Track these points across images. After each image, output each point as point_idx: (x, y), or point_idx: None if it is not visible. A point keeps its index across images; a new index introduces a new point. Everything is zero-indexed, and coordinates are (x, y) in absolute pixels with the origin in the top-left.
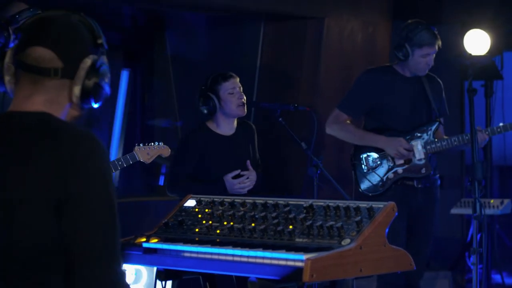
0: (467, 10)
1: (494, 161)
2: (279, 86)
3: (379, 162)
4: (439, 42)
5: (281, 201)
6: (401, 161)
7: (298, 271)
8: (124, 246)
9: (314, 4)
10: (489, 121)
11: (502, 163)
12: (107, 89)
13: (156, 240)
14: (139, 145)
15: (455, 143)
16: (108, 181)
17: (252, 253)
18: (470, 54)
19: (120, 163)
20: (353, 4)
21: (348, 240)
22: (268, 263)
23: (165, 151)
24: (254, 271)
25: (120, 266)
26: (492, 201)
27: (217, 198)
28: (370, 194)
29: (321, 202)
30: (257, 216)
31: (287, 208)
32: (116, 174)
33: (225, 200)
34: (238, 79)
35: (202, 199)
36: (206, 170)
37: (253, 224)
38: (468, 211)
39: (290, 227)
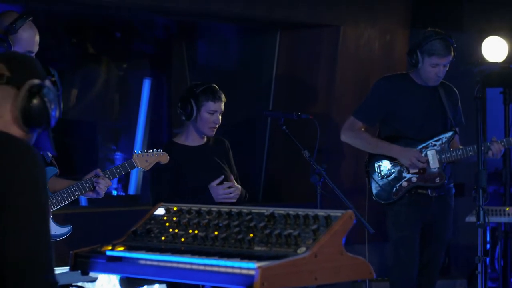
0: (486, 18)
1: None
2: (295, 94)
3: (393, 170)
4: (452, 54)
5: (245, 209)
6: (415, 170)
7: (250, 279)
8: (89, 254)
9: (329, 13)
10: (507, 129)
11: None
12: (52, 114)
13: (121, 248)
14: (137, 152)
15: (470, 153)
16: (40, 192)
17: (207, 261)
18: (478, 61)
19: (118, 170)
20: (369, 12)
21: (303, 249)
22: (224, 271)
23: (164, 157)
24: (210, 279)
25: (51, 275)
26: (507, 208)
27: (185, 207)
28: (383, 202)
29: (282, 211)
30: (220, 225)
31: (249, 217)
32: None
33: (192, 208)
34: (223, 103)
35: (170, 207)
36: (185, 184)
37: (216, 233)
38: None
39: (251, 235)
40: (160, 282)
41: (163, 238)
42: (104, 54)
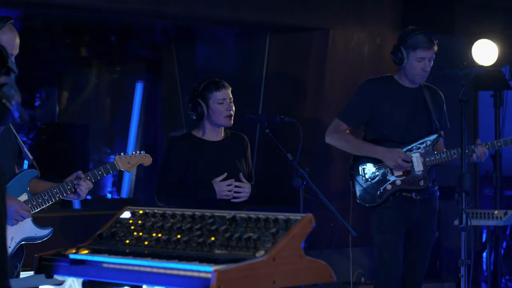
0: (476, 21)
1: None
2: (285, 98)
3: (377, 173)
4: (436, 48)
5: (207, 212)
6: (400, 173)
7: (207, 282)
8: (53, 257)
9: (319, 16)
10: (498, 132)
11: None
12: (12, 111)
13: (85, 252)
14: (119, 154)
15: (455, 156)
16: None
17: (166, 264)
18: (463, 64)
19: (100, 172)
20: (359, 16)
21: (262, 252)
22: (182, 274)
23: (147, 159)
24: (168, 282)
25: (2, 279)
26: (496, 212)
27: (149, 210)
28: (367, 205)
29: (244, 214)
30: (183, 228)
31: (211, 220)
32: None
33: (157, 211)
34: (230, 90)
35: (136, 210)
36: (193, 176)
37: (178, 236)
38: (472, 222)
39: (212, 238)
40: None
41: (127, 241)
42: (99, 58)
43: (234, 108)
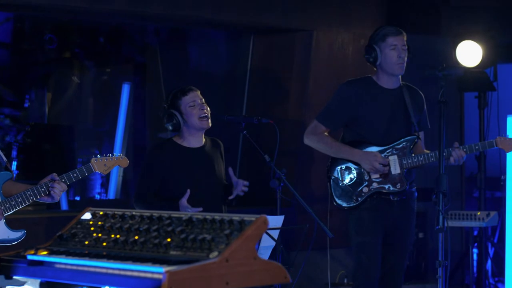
0: (461, 22)
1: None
2: (269, 98)
3: (354, 175)
4: (405, 36)
5: (165, 214)
6: (377, 175)
7: (158, 283)
8: (12, 258)
9: (302, 17)
10: (483, 133)
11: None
12: None
13: (44, 253)
14: (96, 156)
15: (432, 159)
16: None
17: (120, 265)
18: (443, 66)
19: (75, 175)
20: (343, 17)
21: (216, 253)
22: (136, 275)
23: (123, 162)
24: (122, 283)
25: None
26: (478, 213)
27: (109, 211)
28: (345, 207)
29: (200, 215)
30: (141, 229)
31: (168, 221)
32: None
33: (116, 213)
34: (198, 92)
35: (97, 212)
36: (175, 183)
37: (136, 237)
38: (455, 223)
39: (168, 240)
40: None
41: (86, 242)
42: (88, 59)
43: (208, 108)
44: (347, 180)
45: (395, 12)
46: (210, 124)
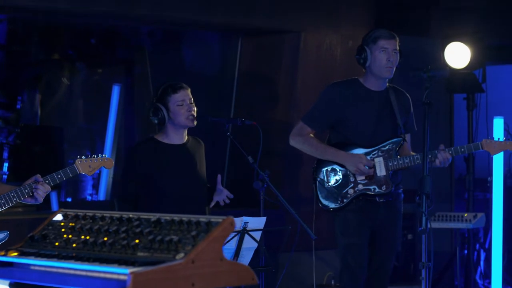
0: (450, 23)
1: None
2: (257, 100)
3: (340, 177)
4: (397, 41)
5: (134, 215)
6: (362, 177)
7: (123, 284)
8: None
9: (290, 19)
10: (471, 134)
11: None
12: None
13: (14, 254)
14: (80, 157)
15: (418, 161)
16: None
17: (88, 267)
18: (428, 67)
19: (59, 176)
20: (331, 18)
21: (182, 254)
22: (102, 276)
23: (108, 163)
24: (88, 284)
25: None
26: (466, 214)
27: (81, 212)
28: (330, 208)
29: (167, 216)
30: (110, 230)
31: (137, 222)
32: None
33: (87, 214)
34: (189, 91)
35: (68, 213)
36: (158, 179)
37: (105, 238)
38: (440, 225)
39: (137, 241)
40: None
41: (56, 243)
42: (78, 61)
43: (195, 109)
44: (332, 181)
45: (383, 14)
46: (195, 123)
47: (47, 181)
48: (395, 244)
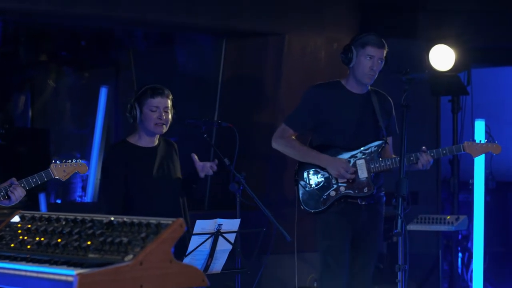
0: (437, 26)
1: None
2: (241, 103)
3: (321, 179)
4: (386, 50)
5: (87, 217)
6: (344, 179)
7: (70, 286)
8: None
9: (275, 21)
10: (456, 137)
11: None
12: None
13: None
14: (55, 162)
15: (399, 163)
16: None
17: (38, 268)
18: (407, 70)
19: (34, 180)
20: (316, 21)
21: (131, 256)
22: (52, 278)
23: (83, 168)
24: (37, 286)
25: None
26: (448, 217)
27: (37, 214)
28: (312, 211)
29: (120, 218)
30: (64, 232)
31: (90, 224)
32: None
33: (43, 215)
34: (168, 98)
35: (25, 214)
36: (131, 182)
37: (59, 240)
38: (423, 227)
39: (89, 242)
40: None
41: (12, 245)
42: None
43: (169, 117)
44: (314, 184)
45: (369, 16)
46: (164, 131)
47: (22, 185)
48: (377, 247)
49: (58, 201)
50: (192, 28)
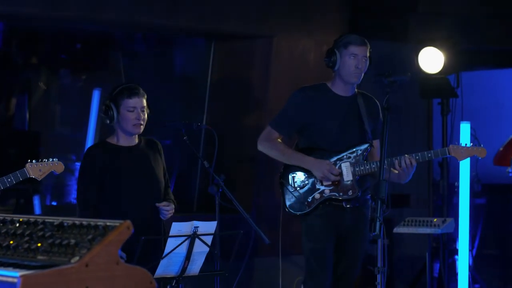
0: (425, 29)
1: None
2: (230, 105)
3: (306, 182)
4: (368, 48)
5: (40, 218)
6: (329, 182)
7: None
8: None
9: (263, 23)
10: (446, 139)
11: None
12: None
13: None
14: (31, 161)
15: (384, 166)
16: None
17: None
18: (389, 72)
19: (9, 180)
20: (305, 23)
21: (77, 258)
22: None
23: (58, 167)
24: None
25: None
26: (435, 220)
27: None
28: (297, 213)
29: (70, 220)
30: (16, 233)
31: (41, 226)
32: None
33: None
34: (144, 98)
35: None
36: (111, 182)
37: (11, 242)
38: (410, 230)
39: (39, 244)
40: None
41: None
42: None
43: (146, 116)
44: (299, 186)
45: (358, 19)
46: (141, 131)
47: None
48: (362, 250)
49: (54, 203)
50: (181, 31)
